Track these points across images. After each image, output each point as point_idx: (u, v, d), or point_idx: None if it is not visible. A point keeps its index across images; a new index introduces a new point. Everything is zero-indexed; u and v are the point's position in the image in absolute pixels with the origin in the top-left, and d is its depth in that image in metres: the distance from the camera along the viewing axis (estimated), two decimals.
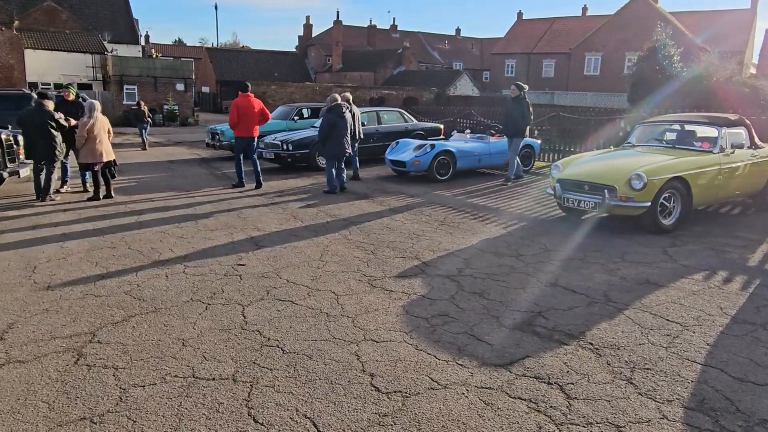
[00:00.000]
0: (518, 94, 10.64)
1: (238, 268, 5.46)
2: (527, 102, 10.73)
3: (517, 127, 10.60)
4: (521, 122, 10.55)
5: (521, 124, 10.57)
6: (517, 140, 10.81)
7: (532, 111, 10.88)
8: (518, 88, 10.78)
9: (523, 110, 10.58)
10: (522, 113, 10.56)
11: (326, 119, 9.76)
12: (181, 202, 8.97)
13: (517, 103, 10.65)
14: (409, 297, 4.62)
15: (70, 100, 9.86)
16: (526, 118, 10.62)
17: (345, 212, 8.21)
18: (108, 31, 38.02)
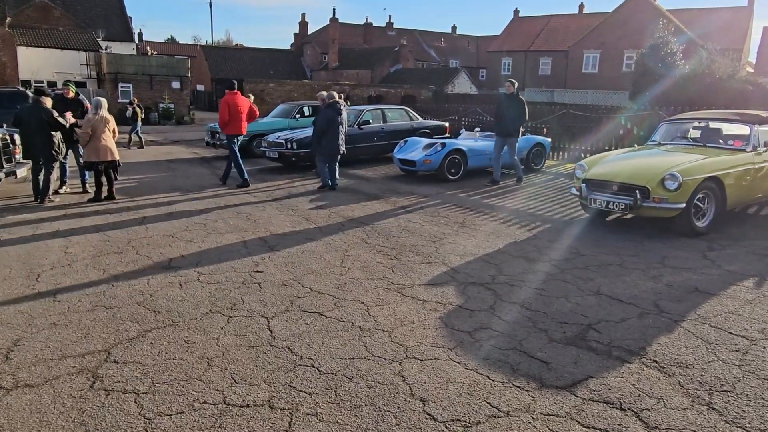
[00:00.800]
0: (513, 91, 10.11)
1: (256, 275, 5.13)
2: (522, 100, 10.21)
3: (513, 126, 10.06)
4: (517, 121, 10.04)
5: (517, 123, 10.06)
6: (512, 140, 10.22)
7: (527, 109, 10.32)
8: (513, 85, 10.25)
9: (518, 108, 10.02)
10: (518, 111, 10.00)
11: (324, 115, 9.64)
12: (186, 204, 8.61)
13: (512, 100, 10.08)
14: (445, 307, 4.31)
15: (70, 98, 9.46)
16: (522, 116, 10.08)
17: (358, 214, 7.88)
18: (102, 29, 37.46)
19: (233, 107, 9.88)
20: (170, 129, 27.12)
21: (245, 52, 51.33)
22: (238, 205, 8.57)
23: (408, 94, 34.50)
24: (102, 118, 8.61)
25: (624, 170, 6.60)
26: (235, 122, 9.96)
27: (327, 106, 9.72)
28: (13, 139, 9.63)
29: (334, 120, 9.58)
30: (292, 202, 8.85)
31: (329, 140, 9.62)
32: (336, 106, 9.68)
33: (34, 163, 8.73)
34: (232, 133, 10.05)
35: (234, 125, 9.98)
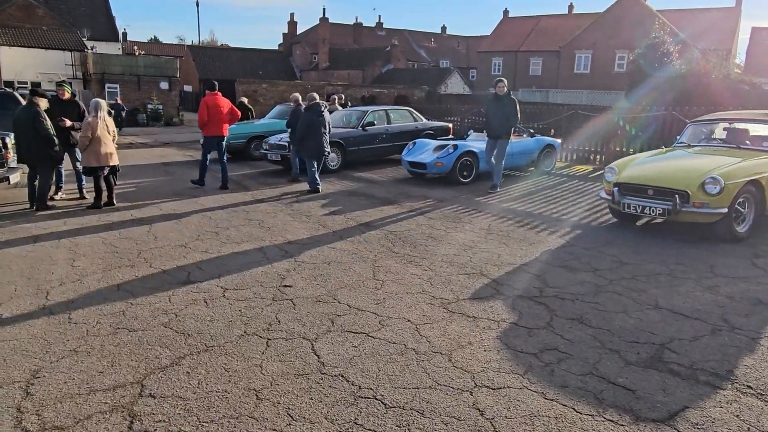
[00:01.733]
0: (505, 91, 9.55)
1: (285, 290, 4.77)
2: (514, 99, 9.64)
3: (504, 127, 9.48)
4: (508, 122, 9.46)
5: (508, 124, 9.48)
6: (502, 142, 9.60)
7: (519, 110, 9.75)
8: (506, 84, 9.72)
9: (510, 109, 9.43)
10: (510, 112, 9.42)
11: (305, 118, 9.62)
12: (191, 210, 8.20)
13: (503, 101, 9.49)
14: (499, 325, 3.99)
15: (66, 99, 8.98)
16: (513, 117, 9.49)
17: (376, 220, 7.54)
18: (87, 28, 36.64)
19: (213, 108, 9.69)
20: (159, 130, 26.53)
21: (233, 52, 50.64)
22: (248, 211, 8.18)
23: (401, 94, 34.21)
24: (102, 121, 8.17)
25: (660, 173, 6.34)
26: (215, 123, 9.77)
27: (307, 108, 9.70)
28: (5, 142, 9.14)
29: (314, 122, 9.53)
30: (303, 207, 8.48)
31: (314, 142, 9.58)
32: (316, 108, 9.62)
33: (29, 168, 8.25)
34: (212, 134, 9.87)
35: (213, 126, 9.79)
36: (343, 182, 10.95)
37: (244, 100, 16.96)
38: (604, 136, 12.76)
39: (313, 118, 9.59)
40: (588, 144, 13.28)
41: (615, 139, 12.57)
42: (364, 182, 10.96)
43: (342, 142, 12.41)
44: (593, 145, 13.19)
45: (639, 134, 12.96)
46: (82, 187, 9.25)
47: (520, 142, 11.44)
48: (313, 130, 9.58)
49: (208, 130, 9.85)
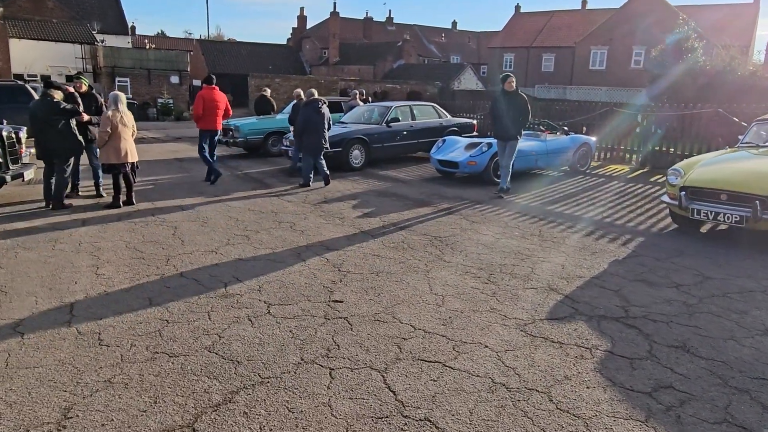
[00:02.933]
0: (514, 88, 8.68)
1: (336, 306, 4.26)
2: (524, 97, 8.74)
3: (513, 127, 8.60)
4: (519, 122, 8.60)
5: (519, 124, 8.63)
6: (512, 144, 8.72)
7: (530, 108, 8.85)
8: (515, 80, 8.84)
9: (521, 106, 8.57)
10: (520, 111, 8.55)
11: (302, 114, 9.62)
12: (215, 210, 7.70)
13: (512, 98, 8.63)
14: (592, 353, 3.47)
15: (83, 92, 8.50)
16: (524, 116, 8.62)
17: (414, 223, 7.03)
18: (96, 21, 36.21)
19: (208, 102, 9.67)
20: (170, 125, 26.09)
21: (242, 47, 50.07)
22: (275, 212, 7.68)
23: (414, 90, 33.65)
24: (122, 115, 7.69)
25: (735, 177, 5.79)
26: (209, 117, 9.74)
27: (305, 103, 9.65)
28: (18, 137, 8.69)
29: (311, 118, 9.46)
30: (334, 208, 7.98)
31: (310, 137, 9.50)
32: (314, 104, 9.57)
33: (46, 164, 7.78)
34: (205, 128, 9.83)
35: (208, 120, 9.76)
36: (369, 181, 10.44)
37: (267, 93, 16.34)
38: (643, 135, 12.17)
39: (311, 113, 9.49)
40: (623, 142, 12.69)
41: (653, 137, 11.98)
42: (391, 181, 10.44)
43: (366, 139, 11.90)
44: (629, 143, 12.59)
45: (659, 131, 12.43)
46: (99, 185, 8.79)
47: (555, 140, 10.90)
48: (312, 125, 9.48)
49: (202, 124, 9.83)
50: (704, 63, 23.43)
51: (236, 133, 14.09)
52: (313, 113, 9.52)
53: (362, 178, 10.75)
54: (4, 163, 7.96)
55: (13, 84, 15.22)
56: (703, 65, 23.28)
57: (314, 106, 9.59)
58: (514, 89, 8.72)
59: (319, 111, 9.56)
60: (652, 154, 12.00)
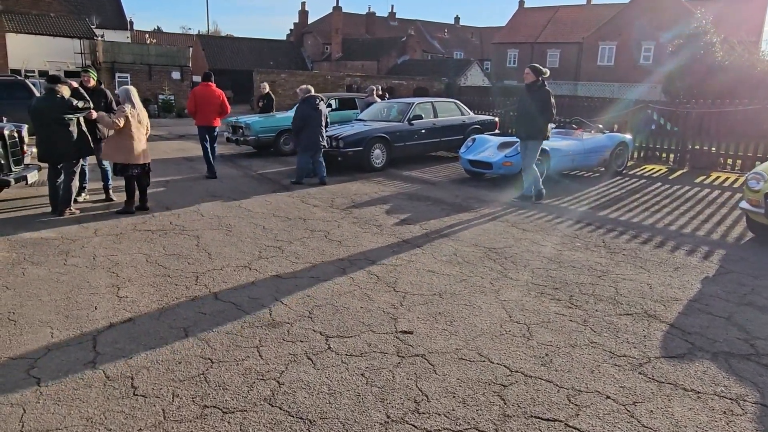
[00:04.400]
0: (535, 79, 7.66)
1: (407, 338, 3.62)
2: (548, 92, 7.68)
3: (535, 125, 7.70)
4: (540, 119, 7.65)
5: (540, 121, 7.66)
6: (533, 144, 7.85)
7: (554, 103, 7.79)
8: (534, 71, 7.70)
9: (542, 103, 7.58)
10: (542, 106, 7.59)
11: (299, 111, 9.38)
12: (237, 216, 7.05)
13: (534, 92, 7.68)
14: (743, 408, 2.84)
15: (91, 87, 7.80)
16: (547, 113, 7.63)
17: (458, 231, 6.39)
18: (95, 15, 35.37)
19: (200, 99, 9.73)
20: (172, 122, 25.34)
21: (243, 42, 49.24)
22: (304, 218, 7.02)
23: (420, 86, 32.97)
24: (138, 112, 7.03)
25: None
26: (202, 114, 9.77)
27: (302, 101, 9.41)
28: (21, 136, 8.00)
29: (308, 115, 9.22)
30: (366, 213, 7.32)
31: (307, 135, 9.24)
32: (311, 101, 9.31)
33: (51, 166, 7.10)
34: (200, 124, 9.93)
35: (201, 117, 9.80)
36: (395, 182, 9.79)
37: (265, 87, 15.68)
38: (682, 133, 11.52)
39: (308, 110, 9.24)
40: (659, 141, 12.04)
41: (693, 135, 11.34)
42: (419, 183, 9.79)
43: (387, 137, 11.23)
44: (667, 142, 11.93)
45: (675, 129, 11.86)
46: (109, 187, 8.12)
47: (592, 139, 10.26)
48: (308, 123, 9.23)
49: (197, 120, 9.95)
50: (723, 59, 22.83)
51: (247, 131, 13.42)
52: (311, 110, 9.24)
53: (387, 180, 10.10)
54: (6, 165, 7.29)
55: (12, 79, 14.49)
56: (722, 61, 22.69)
57: (311, 104, 9.29)
58: (533, 81, 7.69)
59: (316, 108, 9.30)
60: (692, 153, 11.36)
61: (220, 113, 9.88)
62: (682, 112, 11.60)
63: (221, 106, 9.81)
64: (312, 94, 9.47)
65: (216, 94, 9.76)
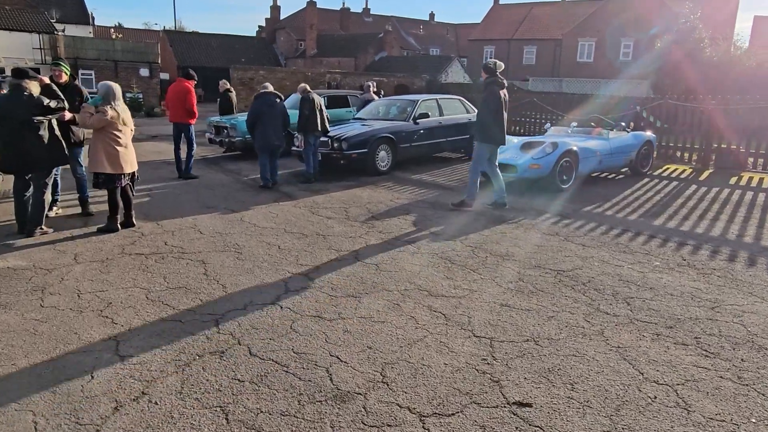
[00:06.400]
0: (485, 77, 7.14)
1: (528, 415, 2.69)
2: (491, 90, 6.96)
3: (479, 126, 7.14)
4: (484, 120, 7.04)
5: (484, 122, 7.05)
6: (478, 146, 7.17)
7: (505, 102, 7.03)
8: (484, 69, 7.13)
9: (483, 102, 7.03)
10: (482, 106, 7.07)
11: (252, 106, 8.93)
12: (243, 233, 6.01)
13: (483, 91, 7.16)
14: None
15: (64, 83, 6.62)
16: (484, 113, 7.03)
17: (508, 248, 5.50)
18: (54, 9, 33.32)
19: (168, 94, 9.82)
20: (141, 122, 23.75)
21: (212, 39, 47.42)
22: (322, 234, 6.02)
23: (401, 83, 32.01)
24: (121, 114, 5.91)
25: None
26: (172, 111, 9.69)
27: (256, 97, 8.93)
28: None
29: (261, 112, 8.68)
30: (391, 227, 6.37)
31: (260, 133, 8.72)
32: (265, 98, 8.78)
33: (18, 177, 5.91)
34: (170, 120, 9.84)
35: (172, 114, 9.72)
36: (408, 188, 8.86)
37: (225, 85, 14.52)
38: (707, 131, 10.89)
39: (263, 107, 8.70)
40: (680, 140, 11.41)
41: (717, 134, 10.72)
42: (434, 188, 8.88)
43: (393, 138, 10.28)
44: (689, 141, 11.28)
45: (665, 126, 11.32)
46: (86, 199, 6.96)
47: (618, 138, 9.52)
48: (261, 120, 8.69)
49: (169, 117, 9.91)
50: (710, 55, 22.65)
51: (232, 131, 12.27)
52: (265, 107, 8.69)
53: (397, 185, 9.16)
54: None
55: None
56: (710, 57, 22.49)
57: (265, 100, 8.76)
58: (484, 79, 7.18)
59: (271, 105, 8.75)
60: (717, 152, 10.75)
61: (186, 112, 9.43)
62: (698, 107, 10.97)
63: (184, 104, 9.37)
64: (270, 90, 8.96)
65: (179, 90, 9.42)
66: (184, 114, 9.44)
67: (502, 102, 7.00)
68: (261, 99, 8.84)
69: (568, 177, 8.56)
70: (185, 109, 9.40)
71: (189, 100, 9.43)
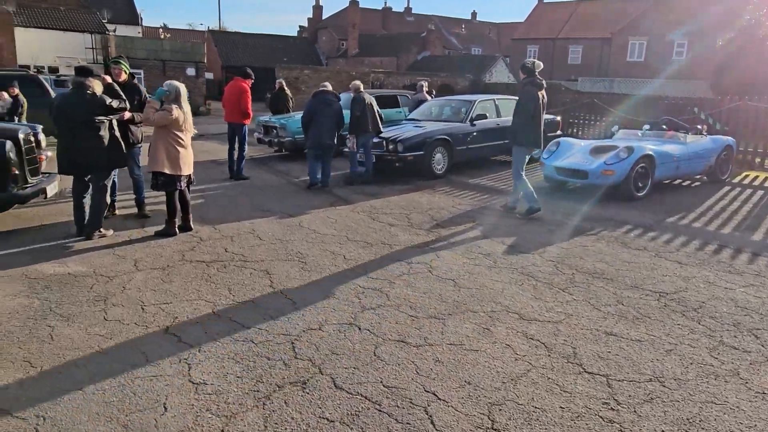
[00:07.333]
0: (523, 77, 6.85)
1: None
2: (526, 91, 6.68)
3: (513, 128, 6.86)
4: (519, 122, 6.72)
5: (516, 124, 6.76)
6: (515, 150, 6.91)
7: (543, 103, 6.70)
8: (522, 69, 6.86)
9: (517, 103, 6.83)
10: (516, 107, 6.79)
11: (308, 105, 8.80)
12: (305, 241, 5.69)
13: (521, 91, 6.87)
14: None
15: (123, 82, 6.44)
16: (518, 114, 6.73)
17: (593, 263, 5.00)
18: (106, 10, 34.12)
19: (225, 94, 9.62)
20: None
21: (255, 39, 47.86)
22: (387, 243, 5.64)
23: (444, 83, 31.47)
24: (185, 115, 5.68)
25: None
26: (227, 110, 9.47)
27: (313, 95, 8.81)
28: (38, 139, 6.68)
29: (315, 111, 8.56)
30: (459, 236, 5.94)
31: (313, 133, 8.58)
32: (322, 97, 8.64)
33: (77, 180, 5.74)
34: (226, 120, 9.56)
35: (227, 113, 9.50)
36: (467, 193, 8.42)
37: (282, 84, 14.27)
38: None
39: (319, 106, 8.57)
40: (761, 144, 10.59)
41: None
42: (495, 194, 8.41)
43: (449, 140, 9.84)
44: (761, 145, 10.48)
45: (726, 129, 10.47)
46: (143, 201, 6.78)
47: (696, 142, 8.83)
48: (316, 119, 8.54)
49: (224, 116, 9.66)
50: None
51: (282, 131, 12.05)
52: (321, 106, 8.54)
53: (455, 189, 8.73)
54: (21, 176, 5.94)
55: (24, 74, 13.16)
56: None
57: (322, 99, 8.61)
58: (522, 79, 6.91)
59: (328, 104, 8.58)
60: None
61: (240, 112, 9.27)
62: None
63: (238, 103, 9.20)
64: (327, 89, 8.80)
65: (235, 90, 9.28)
66: (239, 114, 9.27)
67: (539, 104, 6.71)
68: (318, 98, 8.65)
69: (644, 184, 7.95)
70: (240, 110, 9.21)
71: (243, 100, 9.25)
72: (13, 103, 11.21)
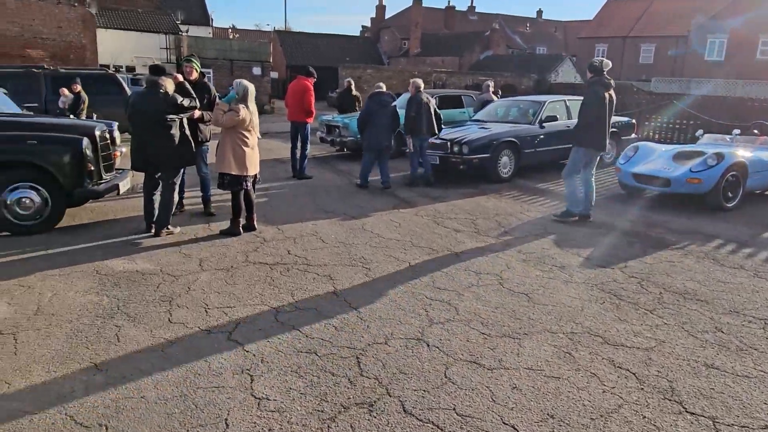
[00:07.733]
0: (590, 76, 6.52)
1: None
2: (592, 91, 6.38)
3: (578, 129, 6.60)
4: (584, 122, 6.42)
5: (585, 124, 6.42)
6: (575, 150, 6.63)
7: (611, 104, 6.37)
8: (588, 68, 6.60)
9: (581, 104, 6.53)
10: (588, 108, 6.38)
11: (365, 106, 8.78)
12: (367, 245, 5.52)
13: (587, 91, 6.58)
14: None
15: (194, 80, 6.49)
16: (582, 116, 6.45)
17: (683, 281, 4.54)
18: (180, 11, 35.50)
19: (288, 92, 9.60)
20: None
21: (319, 38, 48.52)
22: (455, 251, 5.37)
23: (508, 83, 30.69)
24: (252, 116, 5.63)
25: None
26: (290, 109, 9.47)
27: (370, 96, 8.75)
28: (113, 136, 6.84)
29: (373, 112, 8.49)
30: (531, 245, 5.60)
31: (370, 133, 8.51)
32: (378, 98, 8.57)
33: (148, 177, 5.82)
34: (288, 119, 9.61)
35: (290, 112, 9.51)
36: (536, 199, 8.02)
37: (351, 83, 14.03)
38: None
39: (375, 107, 8.51)
40: None
41: None
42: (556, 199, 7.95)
43: (517, 142, 9.44)
44: None
45: None
46: (209, 198, 6.83)
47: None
48: (372, 120, 8.48)
49: (287, 115, 9.66)
50: None
51: (343, 131, 12.00)
52: (378, 107, 8.48)
53: (522, 194, 8.35)
54: (96, 172, 6.09)
55: (102, 72, 13.76)
56: None
57: (378, 100, 8.55)
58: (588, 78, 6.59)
59: (384, 105, 8.52)
60: None
61: (304, 111, 9.21)
62: None
63: (301, 102, 9.16)
64: (383, 90, 8.78)
65: (298, 88, 9.24)
66: (302, 113, 9.24)
67: (605, 104, 6.33)
68: (374, 98, 8.61)
69: (734, 194, 7.30)
70: (303, 108, 9.17)
71: (307, 99, 9.21)
72: (74, 100, 11.64)
